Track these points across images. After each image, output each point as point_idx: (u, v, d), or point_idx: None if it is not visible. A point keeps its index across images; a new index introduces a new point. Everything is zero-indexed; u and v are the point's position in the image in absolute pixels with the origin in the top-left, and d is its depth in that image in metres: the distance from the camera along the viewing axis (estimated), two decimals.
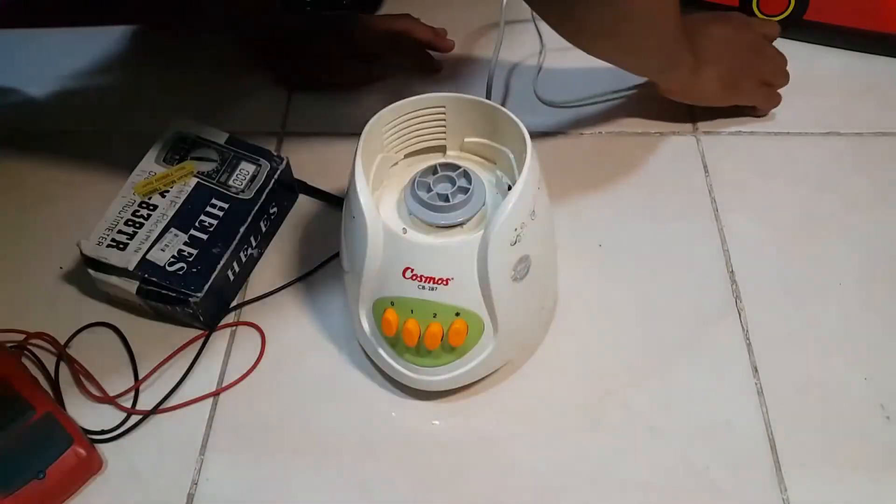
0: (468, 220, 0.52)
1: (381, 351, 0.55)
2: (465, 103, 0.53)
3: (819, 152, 0.70)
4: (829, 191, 0.68)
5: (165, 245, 0.59)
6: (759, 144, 0.71)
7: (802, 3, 0.76)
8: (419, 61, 0.76)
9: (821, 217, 0.66)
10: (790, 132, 0.72)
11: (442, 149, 0.57)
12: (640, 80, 0.72)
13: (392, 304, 0.52)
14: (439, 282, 0.50)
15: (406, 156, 0.56)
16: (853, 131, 0.72)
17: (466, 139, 0.56)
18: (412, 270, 0.50)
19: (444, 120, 0.54)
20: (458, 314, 0.51)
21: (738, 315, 0.60)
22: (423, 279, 0.50)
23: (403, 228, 0.52)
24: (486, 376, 0.56)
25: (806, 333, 0.59)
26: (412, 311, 0.51)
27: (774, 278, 0.62)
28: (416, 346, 0.52)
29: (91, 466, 0.54)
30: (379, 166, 0.54)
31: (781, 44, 0.78)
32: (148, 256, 0.58)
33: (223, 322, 0.61)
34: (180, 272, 0.58)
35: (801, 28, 0.77)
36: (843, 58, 0.77)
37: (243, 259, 0.62)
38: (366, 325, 0.55)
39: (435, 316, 0.51)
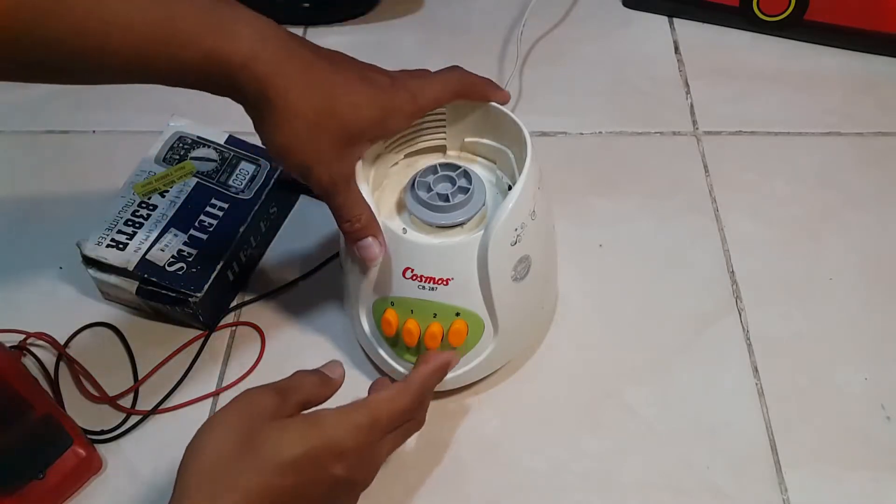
0: (468, 220, 0.51)
1: (381, 351, 0.55)
2: (465, 103, 0.53)
3: (819, 152, 0.70)
4: (829, 190, 0.68)
5: (165, 245, 0.59)
6: (759, 144, 0.71)
7: (802, 3, 0.76)
8: None
9: (821, 217, 0.66)
10: (790, 132, 0.72)
11: (442, 148, 0.57)
12: None
13: (392, 304, 0.52)
14: (439, 282, 0.50)
15: (406, 156, 0.56)
16: (853, 131, 0.72)
17: (466, 139, 0.56)
18: (412, 270, 0.50)
19: (445, 120, 0.54)
20: (458, 314, 0.51)
21: (738, 315, 0.60)
22: (424, 279, 0.50)
23: (403, 228, 0.51)
24: (486, 376, 0.56)
25: (806, 333, 0.59)
26: (412, 312, 0.51)
27: (775, 278, 0.62)
28: (417, 347, 0.52)
29: (91, 467, 0.54)
30: (379, 166, 0.54)
31: (782, 44, 0.79)
32: (147, 256, 0.58)
33: (223, 322, 0.61)
34: (180, 272, 0.58)
35: (801, 28, 0.77)
36: (843, 58, 0.77)
37: (243, 259, 0.62)
38: (366, 326, 0.54)
39: (435, 316, 0.51)
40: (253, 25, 0.44)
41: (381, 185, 0.55)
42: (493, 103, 0.53)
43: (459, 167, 0.53)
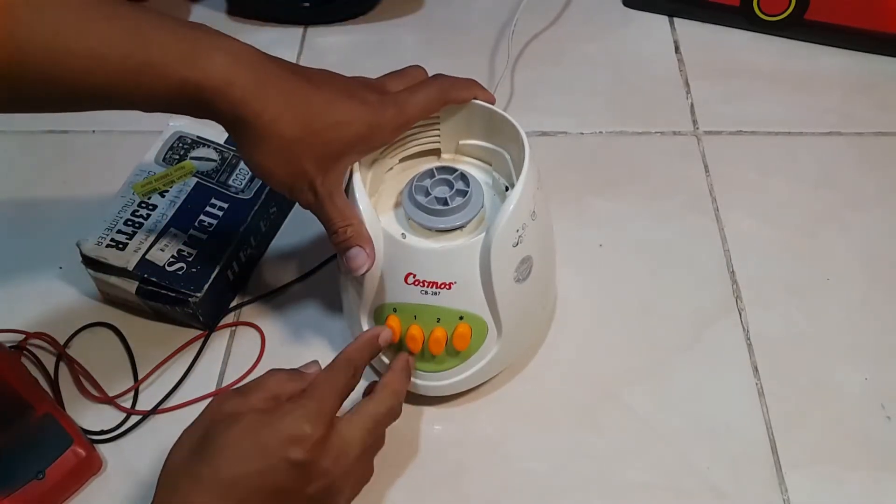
0: (467, 222, 0.51)
1: (383, 358, 0.54)
2: (459, 106, 0.53)
3: (819, 152, 0.70)
4: (829, 190, 0.68)
5: (165, 245, 0.59)
6: (759, 144, 0.71)
7: (803, 2, 0.76)
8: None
9: (821, 216, 0.66)
10: (790, 132, 0.72)
11: (436, 152, 0.56)
12: None
13: (395, 310, 0.52)
14: (442, 286, 0.50)
15: (401, 160, 0.56)
16: (853, 131, 0.72)
17: (461, 142, 0.55)
18: (414, 276, 0.50)
19: (439, 123, 0.54)
20: (461, 318, 0.51)
21: (738, 315, 0.60)
22: (426, 284, 0.50)
23: (402, 234, 0.51)
24: (488, 379, 0.56)
25: (806, 333, 0.59)
26: (415, 317, 0.51)
27: (775, 278, 0.62)
28: (421, 352, 0.52)
29: (91, 467, 0.54)
30: (374, 171, 0.54)
31: (783, 43, 0.78)
32: (147, 256, 0.58)
33: (223, 322, 0.61)
34: (180, 272, 0.58)
35: (801, 28, 0.77)
36: (843, 58, 0.77)
37: (243, 259, 0.62)
38: None
39: (439, 321, 0.51)
40: (228, 51, 0.45)
41: (377, 191, 0.55)
42: (489, 105, 0.52)
43: (456, 170, 0.52)
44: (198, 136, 0.65)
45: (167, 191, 0.62)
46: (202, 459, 0.43)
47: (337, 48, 0.81)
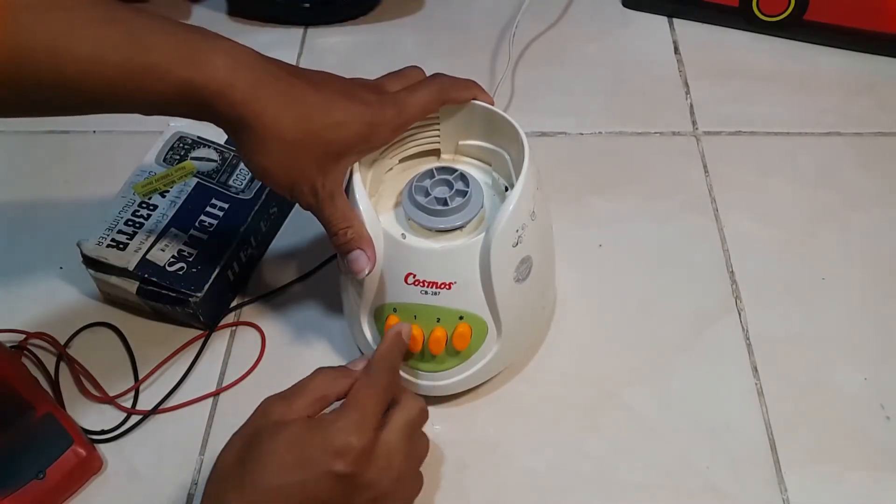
0: (467, 223, 0.51)
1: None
2: (458, 106, 0.53)
3: (818, 152, 0.71)
4: (828, 190, 0.68)
5: (165, 245, 0.59)
6: (759, 144, 0.71)
7: (802, 3, 0.76)
8: None
9: (820, 217, 0.66)
10: (790, 132, 0.72)
11: (436, 152, 0.56)
12: None
13: (395, 310, 0.52)
14: (442, 286, 0.50)
15: (401, 160, 0.56)
16: (852, 131, 0.72)
17: (461, 142, 0.55)
18: (414, 276, 0.50)
19: (438, 123, 0.54)
20: (461, 318, 0.51)
21: (738, 315, 0.60)
22: (426, 284, 0.50)
23: (402, 234, 0.51)
24: (488, 379, 0.56)
25: (806, 333, 0.59)
26: (415, 317, 0.51)
27: (774, 278, 0.62)
28: (421, 352, 0.52)
29: (91, 466, 0.54)
30: (374, 171, 0.54)
31: (782, 44, 0.79)
32: (148, 256, 0.58)
33: (223, 322, 0.61)
34: (180, 272, 0.58)
35: (801, 28, 0.78)
36: (843, 58, 0.77)
37: (243, 259, 0.62)
38: (367, 332, 0.54)
39: (438, 321, 0.51)
40: (228, 53, 0.45)
41: (377, 191, 0.55)
42: (489, 106, 0.52)
43: (456, 170, 0.53)
44: (198, 137, 0.65)
45: (168, 191, 0.62)
46: (245, 469, 0.43)
47: (337, 49, 0.81)
